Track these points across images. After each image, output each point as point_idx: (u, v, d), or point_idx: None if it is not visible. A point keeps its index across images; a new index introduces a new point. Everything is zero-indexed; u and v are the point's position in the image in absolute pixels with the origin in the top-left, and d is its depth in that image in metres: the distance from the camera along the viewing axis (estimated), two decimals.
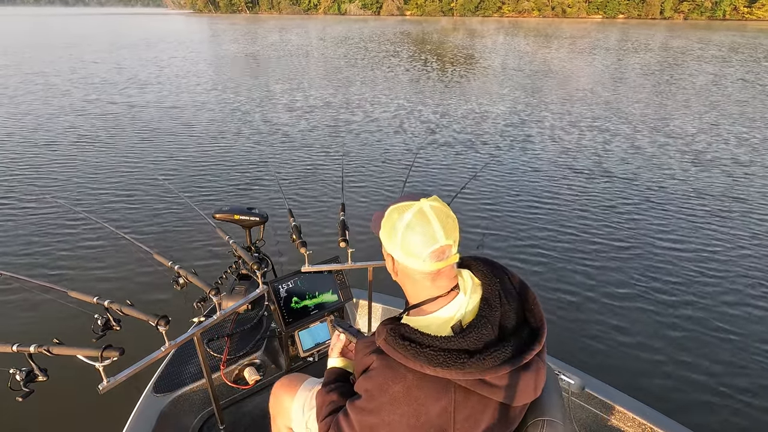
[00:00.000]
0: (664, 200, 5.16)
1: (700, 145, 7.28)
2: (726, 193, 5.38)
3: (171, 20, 70.66)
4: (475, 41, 30.12)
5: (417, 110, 9.69)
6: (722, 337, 3.00)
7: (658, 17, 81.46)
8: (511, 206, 5.00)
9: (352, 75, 14.82)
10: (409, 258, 0.89)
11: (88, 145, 6.92)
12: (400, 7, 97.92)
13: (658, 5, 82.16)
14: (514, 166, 6.31)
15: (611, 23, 65.21)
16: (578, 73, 15.56)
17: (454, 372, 0.80)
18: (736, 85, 13.24)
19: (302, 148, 6.97)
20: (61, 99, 10.26)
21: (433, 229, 0.86)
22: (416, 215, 0.88)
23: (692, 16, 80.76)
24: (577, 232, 4.43)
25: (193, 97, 10.80)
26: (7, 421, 2.37)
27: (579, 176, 5.91)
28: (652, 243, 4.20)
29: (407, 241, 0.88)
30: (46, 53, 19.93)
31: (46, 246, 4.04)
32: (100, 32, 37.60)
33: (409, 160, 6.42)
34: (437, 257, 0.87)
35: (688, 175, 5.98)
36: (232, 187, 5.43)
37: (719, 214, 4.83)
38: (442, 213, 0.88)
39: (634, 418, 1.62)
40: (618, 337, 3.02)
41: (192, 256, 3.91)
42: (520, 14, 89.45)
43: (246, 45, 26.01)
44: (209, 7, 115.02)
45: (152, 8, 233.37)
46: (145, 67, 15.71)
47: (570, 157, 6.65)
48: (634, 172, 6.05)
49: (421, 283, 0.91)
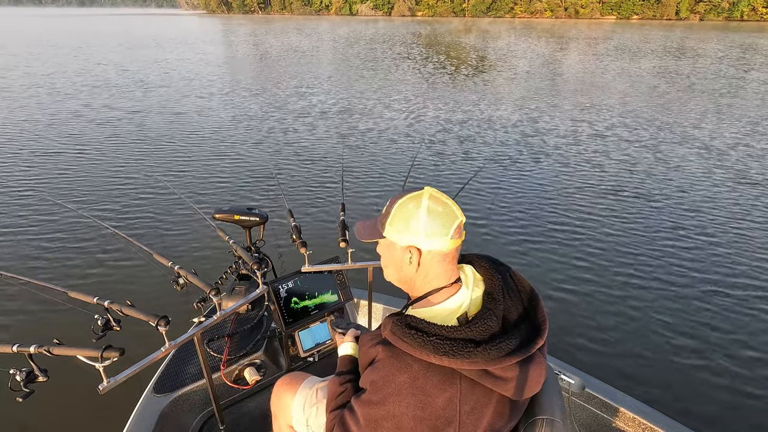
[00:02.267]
0: (664, 200, 5.16)
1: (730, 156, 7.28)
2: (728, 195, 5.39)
3: (184, 21, 70.89)
4: (486, 42, 30.10)
5: (417, 110, 9.69)
6: (723, 337, 3.01)
7: (673, 18, 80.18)
8: (511, 206, 5.01)
9: (352, 75, 14.82)
10: (434, 239, 0.90)
11: (88, 146, 6.91)
12: (412, 8, 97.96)
13: (674, 6, 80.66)
14: (514, 166, 6.31)
15: (626, 24, 64.22)
16: (603, 79, 15.53)
17: (460, 361, 0.81)
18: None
19: (302, 149, 6.97)
20: (61, 99, 10.26)
21: (451, 208, 0.92)
22: (431, 199, 0.92)
23: (708, 16, 78.96)
24: (577, 232, 4.43)
25: (193, 97, 10.80)
26: (8, 422, 2.37)
27: (579, 176, 5.91)
28: (652, 243, 4.20)
29: (432, 224, 0.90)
30: (52, 54, 19.92)
31: (46, 246, 4.04)
32: (108, 33, 37.58)
33: (410, 160, 6.42)
34: (458, 233, 0.92)
35: (685, 170, 5.98)
36: (232, 187, 5.43)
37: (723, 217, 4.83)
38: (446, 195, 0.95)
39: (634, 418, 1.62)
40: (618, 337, 3.02)
41: (192, 256, 3.91)
42: (532, 15, 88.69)
43: (252, 46, 26.01)
44: (222, 7, 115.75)
45: (166, 9, 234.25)
46: (148, 69, 15.71)
47: (570, 158, 6.66)
48: (635, 173, 6.05)
49: (437, 269, 0.92)
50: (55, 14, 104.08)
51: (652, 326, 3.10)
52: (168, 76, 14.05)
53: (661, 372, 2.73)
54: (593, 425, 1.73)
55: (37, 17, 78.87)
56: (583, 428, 1.75)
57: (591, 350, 2.90)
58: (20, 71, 14.37)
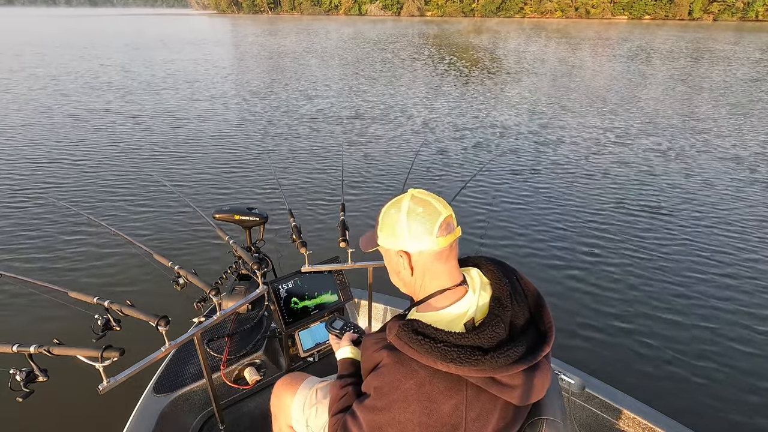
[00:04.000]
0: (666, 204, 5.16)
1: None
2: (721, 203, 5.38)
3: (194, 21, 70.84)
4: (496, 43, 30.07)
5: (418, 111, 9.69)
6: (723, 338, 3.00)
7: (686, 18, 78.48)
8: (510, 206, 5.00)
9: (354, 76, 14.82)
10: (420, 241, 0.89)
11: (88, 146, 6.91)
12: (421, 8, 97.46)
13: (687, 6, 78.89)
14: (514, 167, 6.31)
15: (638, 24, 63.02)
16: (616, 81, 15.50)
17: (467, 369, 0.80)
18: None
19: (302, 148, 6.97)
20: (61, 99, 10.26)
21: (432, 206, 0.91)
22: (412, 200, 0.92)
23: (722, 17, 76.92)
24: (577, 232, 4.43)
25: (193, 98, 10.80)
26: (8, 422, 2.37)
27: (579, 177, 5.91)
28: (653, 243, 4.20)
29: (414, 225, 0.89)
30: (58, 54, 19.91)
31: (46, 246, 4.04)
32: (117, 32, 37.56)
33: (410, 160, 6.42)
34: (446, 229, 0.90)
35: (686, 173, 5.98)
36: (232, 187, 5.43)
37: (728, 219, 4.83)
38: (430, 194, 0.94)
39: (634, 418, 1.62)
40: (618, 337, 3.02)
41: (192, 256, 3.91)
42: (542, 15, 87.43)
43: (258, 47, 25.98)
44: (232, 7, 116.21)
45: (177, 9, 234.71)
46: (151, 69, 15.69)
47: (570, 158, 6.66)
48: (635, 173, 6.05)
49: (435, 269, 0.91)
50: (65, 14, 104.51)
51: (653, 326, 3.10)
52: (171, 76, 14.04)
53: (662, 372, 2.73)
54: (593, 425, 1.72)
55: (49, 17, 79.24)
56: (583, 428, 1.75)
57: (591, 350, 2.90)
58: (26, 73, 14.37)
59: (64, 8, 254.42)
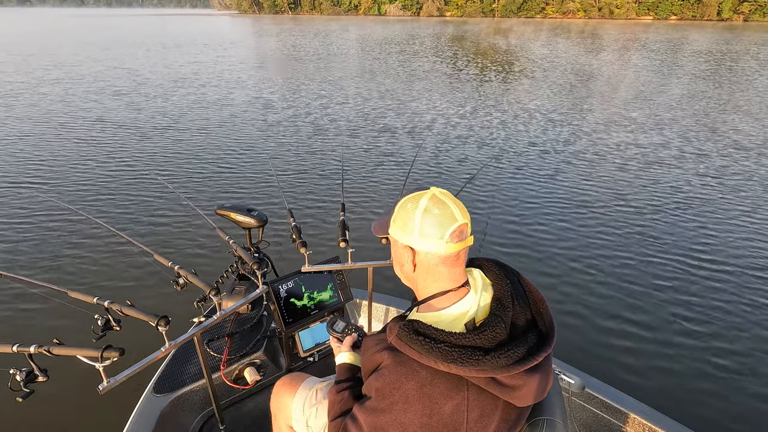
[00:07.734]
0: (666, 201, 5.16)
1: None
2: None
3: (216, 21, 70.79)
4: (510, 43, 30.06)
5: (418, 111, 9.69)
6: (724, 338, 3.00)
7: (714, 18, 74.34)
8: (510, 206, 5.00)
9: (355, 76, 14.81)
10: (429, 241, 0.89)
11: (88, 146, 6.91)
12: (440, 8, 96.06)
13: (716, 6, 74.45)
14: (514, 167, 6.31)
15: (665, 25, 60.88)
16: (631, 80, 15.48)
17: (468, 369, 0.80)
18: None
19: (302, 149, 6.97)
20: (61, 100, 10.26)
21: (450, 210, 0.89)
22: (431, 200, 0.91)
23: (754, 17, 72.49)
24: (577, 232, 4.43)
25: (193, 98, 10.80)
26: (8, 422, 2.37)
27: (579, 177, 5.91)
28: (653, 243, 4.20)
29: (426, 225, 0.89)
30: (58, 53, 19.92)
31: (46, 246, 4.04)
32: (118, 33, 37.58)
33: (410, 160, 6.42)
34: (458, 236, 0.89)
35: (695, 174, 5.99)
36: (232, 187, 5.43)
37: (726, 216, 4.84)
38: (452, 197, 0.93)
39: (634, 418, 1.62)
40: (618, 337, 3.01)
41: (192, 256, 3.91)
42: (564, 15, 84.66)
43: (264, 48, 25.94)
44: (253, 8, 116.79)
45: (200, 9, 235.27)
46: (153, 69, 15.70)
47: (569, 159, 6.66)
48: (634, 174, 6.05)
49: (438, 272, 0.91)
50: (92, 14, 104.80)
51: (653, 326, 3.10)
52: (171, 77, 14.04)
53: (662, 372, 2.73)
54: (593, 425, 1.72)
55: (82, 17, 79.32)
56: (583, 428, 1.75)
57: (591, 350, 2.90)
58: (34, 75, 14.36)
59: (91, 8, 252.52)
